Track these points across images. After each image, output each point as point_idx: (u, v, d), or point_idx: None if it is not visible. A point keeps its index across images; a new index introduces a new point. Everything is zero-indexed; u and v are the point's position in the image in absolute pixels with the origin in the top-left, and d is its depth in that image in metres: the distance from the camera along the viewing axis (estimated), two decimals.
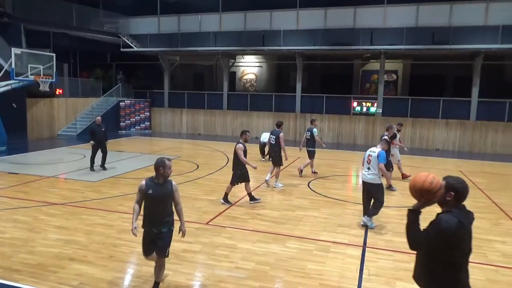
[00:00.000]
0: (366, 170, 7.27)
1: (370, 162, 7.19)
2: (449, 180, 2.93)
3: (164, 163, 4.42)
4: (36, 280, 4.92)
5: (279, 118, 21.03)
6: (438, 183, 2.89)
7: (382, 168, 7.17)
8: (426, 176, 2.91)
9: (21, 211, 7.68)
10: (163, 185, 4.46)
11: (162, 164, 4.41)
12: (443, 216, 2.86)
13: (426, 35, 17.57)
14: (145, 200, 4.45)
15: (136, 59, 24.92)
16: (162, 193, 4.44)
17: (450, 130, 18.62)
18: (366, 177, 7.17)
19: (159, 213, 4.47)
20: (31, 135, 18.29)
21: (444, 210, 2.94)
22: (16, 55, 14.00)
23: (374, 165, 7.14)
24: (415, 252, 3.10)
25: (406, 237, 2.97)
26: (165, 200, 4.48)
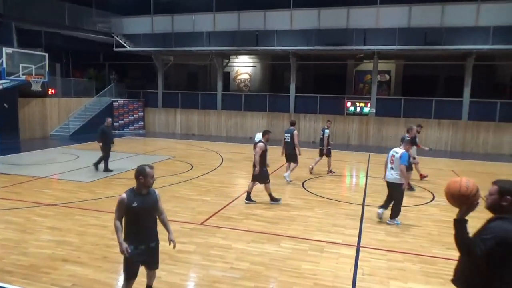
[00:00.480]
0: (389, 170, 7.47)
1: (393, 163, 7.37)
2: (503, 185, 2.77)
3: (145, 171, 3.92)
4: (28, 281, 4.88)
5: (273, 118, 21.28)
6: (474, 185, 2.76)
7: (403, 169, 7.33)
8: (460, 181, 2.77)
9: (13, 212, 7.61)
10: (148, 196, 4.02)
11: (142, 172, 3.92)
12: (501, 223, 2.68)
13: (419, 36, 17.70)
14: (128, 214, 3.94)
15: (130, 59, 24.79)
16: (148, 204, 4.01)
17: (442, 130, 18.79)
18: (389, 177, 7.42)
19: (147, 227, 4.05)
20: (23, 135, 18.12)
21: (498, 216, 2.77)
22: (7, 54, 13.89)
23: (397, 166, 7.32)
24: (463, 256, 2.93)
25: (456, 245, 2.81)
26: (152, 211, 4.09)
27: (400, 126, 19.05)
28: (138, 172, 3.94)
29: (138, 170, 3.95)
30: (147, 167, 3.96)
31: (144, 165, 3.99)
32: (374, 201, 9.11)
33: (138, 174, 3.93)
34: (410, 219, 7.80)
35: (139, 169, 3.96)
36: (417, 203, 9.11)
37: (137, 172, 3.95)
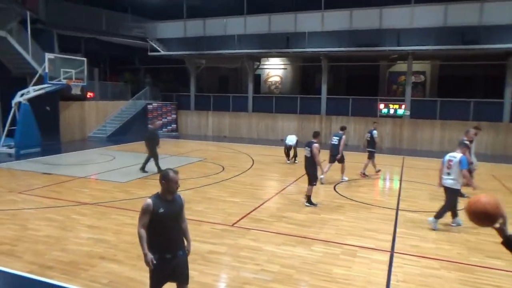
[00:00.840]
0: (446, 175, 7.28)
1: (450, 168, 7.20)
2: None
3: (168, 175, 3.68)
4: (68, 277, 5.10)
5: (303, 120, 21.14)
6: (492, 197, 2.64)
7: (466, 174, 7.21)
8: (480, 201, 2.63)
9: (55, 210, 7.98)
10: (174, 201, 3.76)
11: (165, 176, 3.68)
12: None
13: (455, 35, 17.08)
14: (154, 222, 3.63)
15: (163, 62, 25.41)
16: (175, 210, 3.76)
17: (482, 132, 17.97)
18: (446, 182, 7.24)
19: (174, 234, 3.78)
20: (64, 137, 18.95)
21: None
22: (49, 60, 14.54)
23: (454, 171, 7.14)
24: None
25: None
26: (179, 217, 3.82)
27: (436, 128, 18.46)
28: (162, 176, 3.73)
29: (162, 174, 3.75)
30: (171, 171, 3.72)
31: (169, 169, 3.76)
32: (409, 205, 8.88)
33: (161, 178, 3.71)
34: (447, 225, 7.52)
35: (163, 173, 3.74)
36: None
37: (161, 176, 3.74)
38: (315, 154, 8.40)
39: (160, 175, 3.75)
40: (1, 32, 14.93)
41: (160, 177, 3.72)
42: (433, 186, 10.70)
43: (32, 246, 6.10)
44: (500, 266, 5.71)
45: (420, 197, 9.72)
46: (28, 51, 16.13)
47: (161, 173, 3.75)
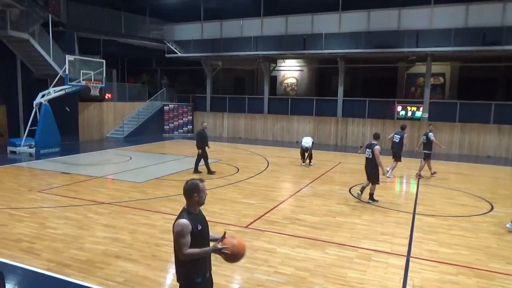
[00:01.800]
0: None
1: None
2: None
3: (198, 186, 3.25)
4: (84, 275, 5.18)
5: (319, 122, 20.99)
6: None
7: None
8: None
9: (72, 209, 8.13)
10: (201, 214, 3.38)
11: (196, 188, 3.23)
12: None
13: (476, 36, 16.70)
14: (193, 242, 3.15)
15: (180, 64, 25.67)
16: (206, 222, 3.43)
17: (503, 136, 17.54)
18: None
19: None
20: (82, 137, 19.32)
21: None
22: (69, 61, 14.84)
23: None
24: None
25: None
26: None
27: (455, 131, 18.08)
28: (192, 189, 3.22)
29: (191, 186, 3.23)
30: (199, 181, 3.29)
31: (195, 179, 3.31)
32: (426, 209, 8.71)
33: (192, 192, 3.22)
34: (466, 230, 7.36)
35: (193, 185, 3.24)
36: (473, 213, 8.58)
37: (191, 189, 3.23)
38: (376, 155, 8.80)
39: (188, 188, 3.24)
40: (24, 34, 15.33)
41: (190, 190, 3.22)
42: (451, 190, 10.50)
43: (51, 244, 6.22)
44: None
45: (437, 201, 9.53)
46: (50, 53, 16.52)
47: (190, 185, 3.24)
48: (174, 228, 3.13)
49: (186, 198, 3.26)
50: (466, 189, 10.85)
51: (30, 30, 15.67)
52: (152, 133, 22.24)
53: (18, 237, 6.47)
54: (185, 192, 3.25)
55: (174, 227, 3.14)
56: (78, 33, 19.23)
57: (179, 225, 3.12)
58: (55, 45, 16.93)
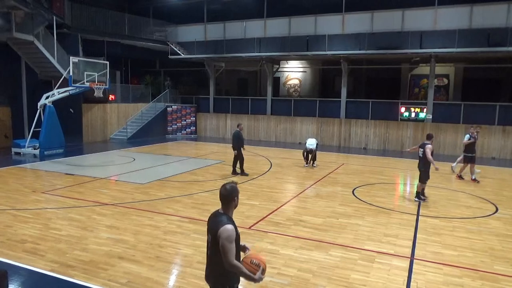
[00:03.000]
0: None
1: None
2: None
3: (237, 189, 3.21)
4: (88, 276, 5.20)
5: (322, 124, 20.97)
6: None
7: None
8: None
9: (76, 210, 8.16)
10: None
11: (236, 191, 3.18)
12: None
13: (481, 37, 16.63)
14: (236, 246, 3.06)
15: (183, 65, 25.72)
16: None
17: (508, 137, 17.45)
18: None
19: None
20: (86, 138, 19.40)
21: None
22: (74, 63, 14.93)
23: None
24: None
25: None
26: None
27: (459, 132, 17.99)
28: (232, 192, 3.15)
29: (232, 190, 3.16)
30: (233, 183, 3.26)
31: (232, 183, 3.27)
32: (430, 211, 8.68)
33: (234, 195, 3.16)
34: (470, 232, 7.32)
35: (233, 189, 3.16)
36: (477, 214, 8.54)
37: (232, 192, 3.15)
38: (427, 153, 9.12)
39: (231, 190, 3.17)
40: (29, 36, 15.42)
41: (233, 193, 3.15)
42: (455, 192, 10.45)
43: (54, 245, 6.25)
44: None
45: (441, 202, 9.49)
46: (54, 55, 16.60)
47: (232, 187, 3.18)
48: (221, 233, 2.98)
49: (225, 202, 3.16)
50: (471, 190, 10.80)
51: (34, 32, 15.76)
52: (155, 134, 22.29)
53: (22, 238, 6.50)
54: (225, 196, 3.14)
55: (221, 233, 2.98)
56: (82, 35, 19.33)
57: (228, 230, 2.98)
58: (59, 47, 17.02)
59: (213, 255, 3.12)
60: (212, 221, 3.19)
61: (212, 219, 3.23)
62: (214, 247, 3.08)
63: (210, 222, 3.23)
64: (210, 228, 3.18)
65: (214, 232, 3.06)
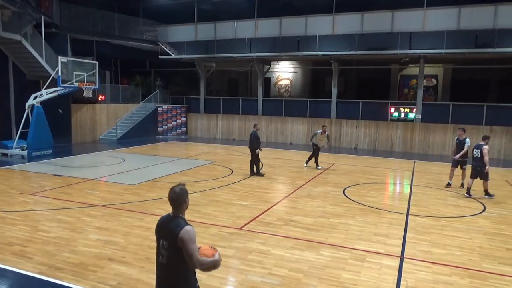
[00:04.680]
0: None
1: None
2: None
3: (187, 191, 3.14)
4: (77, 278, 5.13)
5: (313, 124, 21.04)
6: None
7: None
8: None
9: (65, 212, 8.06)
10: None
11: (186, 193, 3.11)
12: None
13: (469, 38, 16.87)
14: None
15: (174, 65, 25.60)
16: None
17: (495, 137, 17.70)
18: None
19: None
20: (75, 139, 19.18)
21: None
22: (62, 63, 14.75)
23: None
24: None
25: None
26: None
27: (448, 132, 18.22)
28: (184, 193, 3.10)
29: (182, 192, 3.10)
30: (182, 185, 3.17)
31: (180, 185, 3.16)
32: (419, 210, 8.76)
33: (185, 196, 3.11)
34: (459, 231, 7.41)
35: (182, 191, 3.10)
36: (466, 213, 8.65)
37: (182, 194, 3.09)
38: (484, 153, 9.64)
39: (181, 192, 3.09)
40: (16, 36, 15.20)
41: (183, 195, 3.09)
42: (444, 191, 10.57)
43: (43, 247, 6.16)
44: None
45: (430, 202, 9.59)
46: (42, 55, 16.39)
47: (181, 190, 3.10)
48: (183, 236, 2.91)
49: (176, 206, 3.07)
50: (459, 190, 10.93)
51: (22, 32, 15.54)
52: (145, 135, 22.15)
53: (10, 241, 6.39)
54: (175, 199, 3.07)
55: (182, 235, 2.91)
56: (71, 35, 19.10)
57: (190, 231, 2.94)
58: (47, 46, 16.80)
59: (171, 262, 3.02)
60: (166, 226, 3.06)
61: (165, 224, 3.10)
62: (172, 253, 2.98)
63: (164, 227, 3.10)
64: (165, 233, 3.05)
65: (172, 236, 2.96)
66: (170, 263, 3.04)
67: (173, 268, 3.04)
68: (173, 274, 3.07)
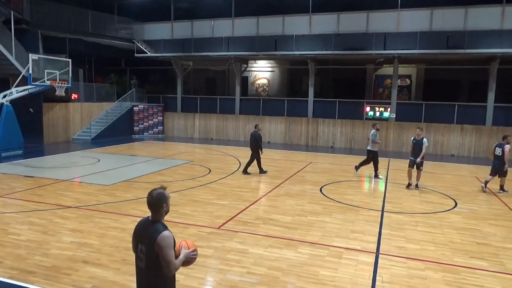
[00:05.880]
0: None
1: None
2: None
3: (165, 195, 3.02)
4: (50, 282, 4.98)
5: (291, 123, 21.18)
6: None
7: None
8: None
9: (37, 214, 7.81)
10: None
11: (163, 197, 3.00)
12: None
13: (441, 39, 17.37)
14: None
15: (150, 64, 25.21)
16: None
17: (465, 135, 18.33)
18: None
19: None
20: (47, 139, 18.61)
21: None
22: (33, 60, 14.27)
23: None
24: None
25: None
26: None
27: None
28: (160, 199, 2.99)
29: (159, 197, 2.99)
30: (162, 189, 3.05)
31: (158, 189, 3.04)
32: (394, 207, 8.96)
33: (161, 202, 2.99)
34: (432, 227, 7.61)
35: (160, 195, 2.99)
36: (438, 209, 8.90)
37: (159, 199, 2.98)
38: (506, 152, 10.20)
39: (157, 197, 2.98)
40: None
41: (159, 200, 2.98)
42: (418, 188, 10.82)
43: (13, 250, 5.95)
44: (483, 266, 5.79)
45: (405, 198, 9.82)
46: (12, 52, 15.80)
47: (158, 194, 2.99)
48: (160, 241, 2.85)
49: (154, 210, 2.99)
50: (432, 186, 11.24)
51: None
52: (121, 134, 21.73)
53: None
54: (152, 203, 2.98)
55: (159, 241, 2.85)
56: (43, 31, 18.51)
57: (167, 237, 2.88)
58: (17, 43, 16.22)
59: (149, 266, 2.97)
60: (144, 231, 2.99)
61: (143, 228, 3.04)
62: (150, 258, 2.93)
63: (141, 232, 3.04)
64: (142, 238, 3.00)
65: (150, 241, 2.90)
66: (148, 268, 2.99)
67: (151, 272, 2.99)
68: (151, 279, 3.02)
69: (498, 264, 5.91)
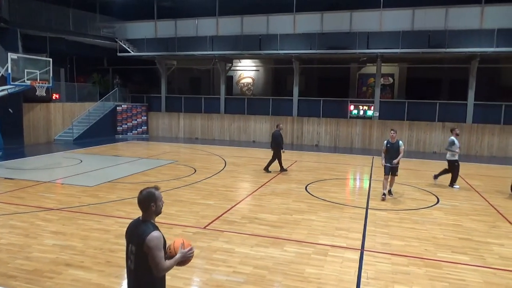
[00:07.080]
0: None
1: None
2: None
3: (155, 195, 2.98)
4: (32, 286, 4.88)
5: (276, 122, 21.18)
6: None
7: None
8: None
9: (17, 217, 7.63)
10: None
11: (152, 197, 2.97)
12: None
13: (422, 39, 17.68)
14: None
15: (133, 63, 24.90)
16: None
17: (447, 132, 18.64)
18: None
19: None
20: (28, 140, 18.20)
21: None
22: (12, 60, 13.97)
23: None
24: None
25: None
26: None
27: (404, 129, 18.98)
28: (148, 198, 2.96)
29: (147, 196, 2.97)
30: (154, 189, 3.03)
31: (149, 188, 3.04)
32: (378, 204, 9.07)
33: (149, 201, 2.96)
34: (416, 223, 7.74)
35: (148, 195, 2.97)
36: (421, 206, 9.05)
37: (146, 199, 2.96)
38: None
39: (145, 197, 2.97)
40: None
41: (148, 200, 2.96)
42: (401, 185, 11.00)
43: None
44: (465, 261, 5.92)
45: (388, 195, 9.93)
46: None
47: (146, 195, 2.97)
48: (148, 242, 2.82)
49: (143, 209, 2.98)
50: (415, 183, 11.42)
51: None
52: (104, 134, 21.41)
53: None
54: (141, 202, 2.97)
55: (148, 242, 2.82)
56: (22, 30, 18.07)
57: (156, 238, 2.85)
58: None
59: (138, 267, 2.93)
60: (134, 231, 2.97)
61: (133, 228, 3.02)
62: (139, 258, 2.90)
63: (132, 232, 3.01)
64: (132, 238, 2.98)
65: (139, 241, 2.87)
66: (137, 268, 2.96)
67: (140, 273, 2.95)
68: (140, 279, 2.98)
69: (479, 258, 6.04)
